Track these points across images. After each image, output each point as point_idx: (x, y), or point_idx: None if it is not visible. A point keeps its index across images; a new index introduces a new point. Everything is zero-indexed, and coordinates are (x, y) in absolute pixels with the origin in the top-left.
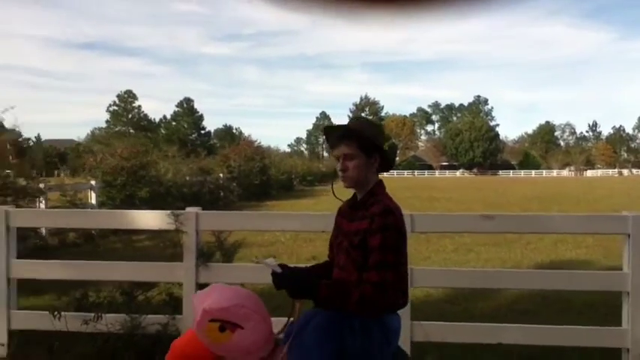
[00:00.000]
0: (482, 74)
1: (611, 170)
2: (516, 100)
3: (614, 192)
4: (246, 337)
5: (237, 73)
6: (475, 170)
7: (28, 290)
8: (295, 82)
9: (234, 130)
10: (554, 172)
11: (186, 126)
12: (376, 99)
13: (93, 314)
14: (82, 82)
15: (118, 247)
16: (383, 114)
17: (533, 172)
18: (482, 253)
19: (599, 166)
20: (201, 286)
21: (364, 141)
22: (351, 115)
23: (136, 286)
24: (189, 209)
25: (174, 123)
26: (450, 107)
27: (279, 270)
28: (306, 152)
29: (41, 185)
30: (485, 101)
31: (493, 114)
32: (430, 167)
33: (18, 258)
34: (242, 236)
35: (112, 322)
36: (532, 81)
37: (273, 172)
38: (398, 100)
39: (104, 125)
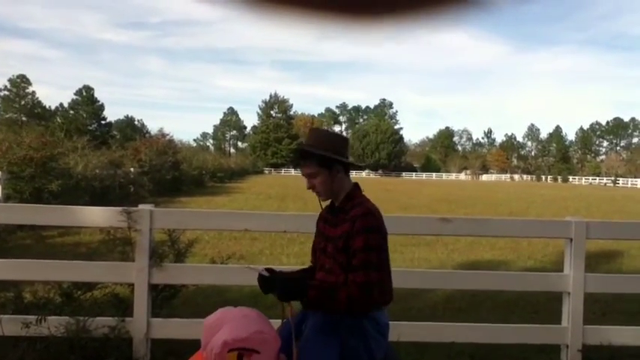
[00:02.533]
0: (387, 78)
1: (503, 175)
2: (418, 104)
3: (511, 196)
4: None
5: (140, 62)
6: (380, 171)
7: None
8: (202, 76)
9: (136, 122)
10: (453, 176)
11: (85, 115)
12: (285, 97)
13: (35, 317)
14: None
15: (28, 243)
16: (292, 112)
17: (434, 174)
18: (406, 253)
19: (492, 170)
20: (153, 287)
21: (321, 158)
22: (260, 112)
23: (75, 287)
24: (142, 206)
25: (72, 112)
26: (356, 109)
27: (265, 273)
28: (212, 147)
29: None
30: (390, 104)
31: (397, 117)
32: (361, 167)
33: None
34: (192, 235)
35: (55, 324)
36: (433, 87)
37: (185, 167)
38: (307, 100)
39: None
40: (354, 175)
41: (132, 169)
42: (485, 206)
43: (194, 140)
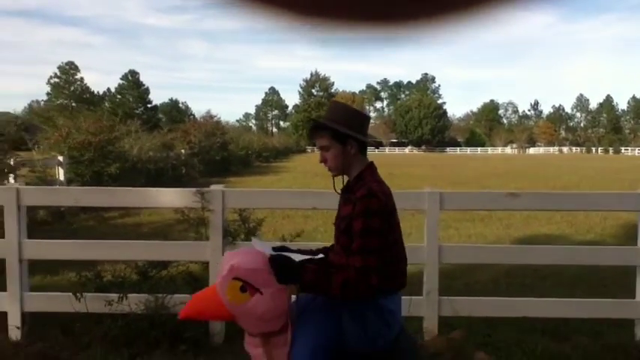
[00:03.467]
0: (428, 52)
1: (551, 148)
2: (461, 78)
3: (561, 169)
4: (263, 303)
5: (182, 45)
6: (424, 147)
7: (32, 270)
8: (243, 57)
9: (180, 105)
10: (499, 150)
11: (131, 100)
12: (327, 75)
13: (117, 295)
14: (19, 52)
15: (92, 224)
16: (333, 90)
17: (478, 149)
18: (462, 229)
19: (539, 144)
20: None
21: (336, 131)
22: (301, 91)
23: (150, 266)
24: (213, 187)
25: (119, 96)
26: (398, 85)
27: (272, 252)
28: (254, 128)
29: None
30: (433, 79)
31: (440, 92)
32: (380, 144)
33: None
34: (263, 214)
35: (135, 302)
36: (476, 59)
37: (232, 148)
38: (347, 77)
39: (44, 98)
40: (396, 151)
41: (182, 151)
42: (535, 180)
43: (237, 121)
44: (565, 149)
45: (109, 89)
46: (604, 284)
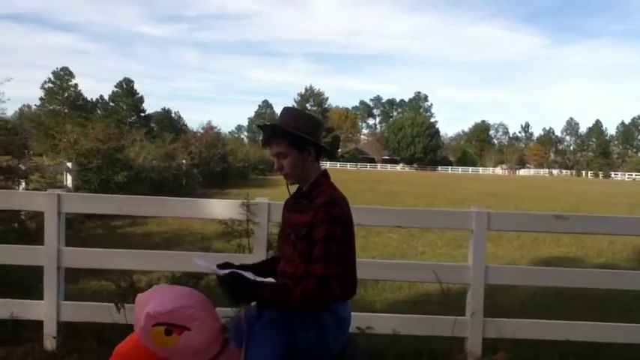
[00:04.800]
0: (421, 71)
1: (542, 170)
2: (453, 97)
3: (556, 192)
4: (194, 338)
5: (175, 55)
6: (415, 165)
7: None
8: (236, 68)
9: (172, 115)
10: (490, 170)
11: (125, 108)
12: (321, 90)
13: None
14: (9, 56)
15: (100, 232)
16: (326, 105)
17: (470, 169)
18: None
19: (529, 165)
20: None
21: (294, 137)
22: (295, 105)
23: (186, 277)
24: (259, 199)
25: (112, 104)
26: (391, 102)
27: (217, 271)
28: (246, 140)
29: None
30: (425, 97)
31: (432, 110)
32: (372, 160)
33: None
34: None
35: None
36: (468, 80)
37: (231, 159)
38: (340, 93)
39: (37, 103)
40: (388, 168)
41: (184, 161)
42: (535, 202)
43: (229, 132)
44: (555, 172)
45: (101, 96)
46: (628, 309)
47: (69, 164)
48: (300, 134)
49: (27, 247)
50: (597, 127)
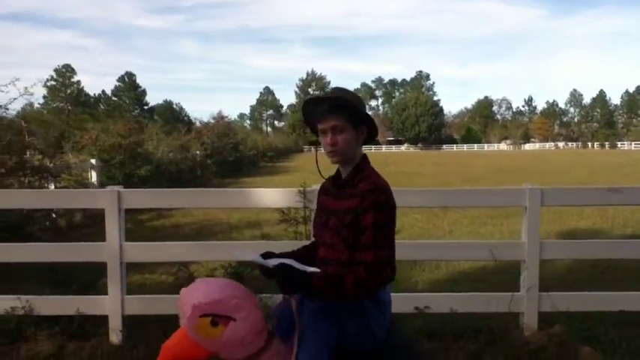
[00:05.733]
0: (421, 49)
1: (547, 144)
2: (454, 75)
3: (566, 164)
4: (240, 328)
5: (175, 46)
6: (420, 145)
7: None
8: (236, 57)
9: (174, 106)
10: (495, 146)
11: (128, 102)
12: (323, 74)
13: None
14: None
15: (129, 227)
16: (328, 89)
17: (475, 145)
18: (499, 225)
19: (534, 139)
20: None
21: (354, 112)
22: (298, 90)
23: (239, 266)
24: (315, 186)
25: (114, 98)
26: (392, 82)
27: (265, 263)
28: (249, 128)
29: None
30: (427, 76)
31: (435, 89)
32: (376, 142)
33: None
34: None
35: None
36: (469, 56)
37: (242, 148)
38: (341, 76)
39: (40, 101)
40: (392, 149)
41: (197, 152)
42: (547, 175)
43: (232, 121)
44: (561, 144)
45: (103, 91)
46: None
47: (93, 161)
48: (361, 110)
49: (89, 244)
50: (601, 98)
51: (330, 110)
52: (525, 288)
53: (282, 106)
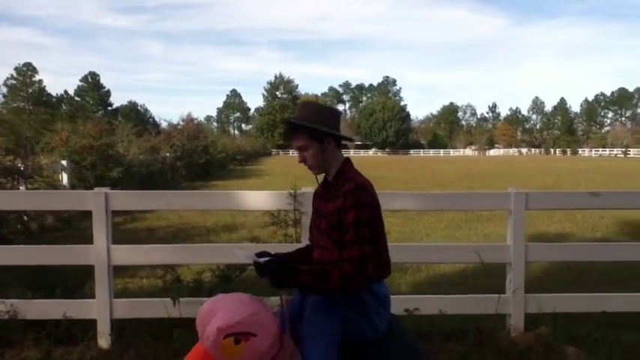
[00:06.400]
0: (388, 55)
1: (511, 149)
2: (421, 80)
3: (532, 170)
4: (260, 342)
5: (140, 47)
6: (388, 150)
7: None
8: (203, 59)
9: (139, 107)
10: (461, 151)
11: (91, 102)
12: (290, 77)
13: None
14: None
15: None
16: (296, 93)
17: (441, 151)
18: (475, 229)
19: (498, 145)
20: None
21: (312, 130)
22: (265, 93)
23: (227, 269)
24: (305, 189)
25: (77, 99)
26: (360, 87)
27: (258, 260)
28: (215, 131)
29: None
30: (394, 82)
31: (401, 94)
32: (345, 146)
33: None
34: None
35: None
36: (435, 63)
37: (212, 151)
38: (308, 80)
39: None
40: (360, 153)
41: (167, 155)
42: (515, 180)
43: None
44: (524, 150)
45: (66, 92)
46: (633, 278)
47: (64, 162)
48: (317, 126)
49: (76, 247)
50: (562, 106)
51: (290, 132)
52: (511, 290)
53: (249, 109)
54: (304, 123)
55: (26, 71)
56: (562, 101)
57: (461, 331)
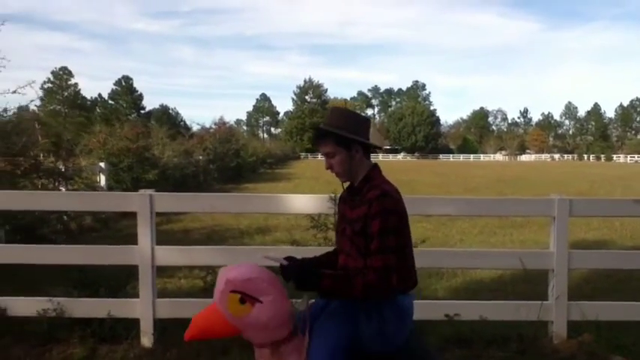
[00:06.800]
0: (418, 59)
1: (543, 155)
2: (450, 85)
3: (567, 176)
4: (265, 311)
5: (172, 51)
6: (417, 154)
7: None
8: (233, 63)
9: (170, 111)
10: (491, 157)
11: (125, 105)
12: (320, 82)
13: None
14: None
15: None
16: (325, 97)
17: (471, 156)
18: (510, 235)
19: (529, 151)
20: None
21: (339, 137)
22: (295, 97)
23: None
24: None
25: (111, 102)
26: (389, 92)
27: (285, 263)
28: (245, 135)
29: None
30: (423, 86)
31: (430, 99)
32: (373, 151)
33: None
34: None
35: None
36: (465, 67)
37: (243, 154)
38: (337, 84)
39: (37, 103)
40: (389, 157)
41: (200, 157)
42: (549, 186)
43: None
44: (556, 156)
45: (100, 95)
46: None
47: (102, 164)
48: (343, 133)
49: (121, 247)
50: (596, 111)
51: (317, 139)
52: (554, 297)
53: (278, 113)
54: (331, 129)
55: (62, 75)
56: (596, 106)
57: (502, 337)
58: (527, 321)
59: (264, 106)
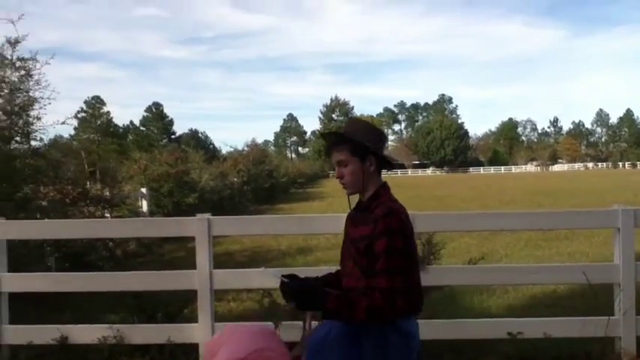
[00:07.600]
0: (442, 73)
1: (575, 164)
2: (477, 97)
3: (607, 185)
4: None
5: (198, 76)
6: (446, 168)
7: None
8: (258, 85)
9: (199, 134)
10: (523, 168)
11: (156, 131)
12: (346, 99)
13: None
14: (40, 91)
15: (182, 255)
16: (352, 114)
17: (502, 168)
18: (557, 248)
19: (561, 160)
20: None
21: (355, 145)
22: (322, 116)
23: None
24: None
25: (142, 128)
26: (415, 107)
27: (286, 281)
28: (273, 154)
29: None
30: (450, 99)
31: (458, 112)
32: (402, 166)
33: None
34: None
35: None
36: (492, 78)
37: (276, 175)
38: (363, 101)
39: (71, 132)
40: (418, 172)
41: (235, 180)
42: (589, 196)
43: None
44: (590, 165)
45: (131, 122)
46: None
47: (143, 190)
48: (361, 142)
49: (179, 272)
50: (628, 117)
51: (332, 145)
52: (621, 312)
53: (305, 133)
54: (348, 136)
55: (95, 104)
56: (628, 112)
57: (568, 355)
58: (591, 337)
59: (291, 126)
